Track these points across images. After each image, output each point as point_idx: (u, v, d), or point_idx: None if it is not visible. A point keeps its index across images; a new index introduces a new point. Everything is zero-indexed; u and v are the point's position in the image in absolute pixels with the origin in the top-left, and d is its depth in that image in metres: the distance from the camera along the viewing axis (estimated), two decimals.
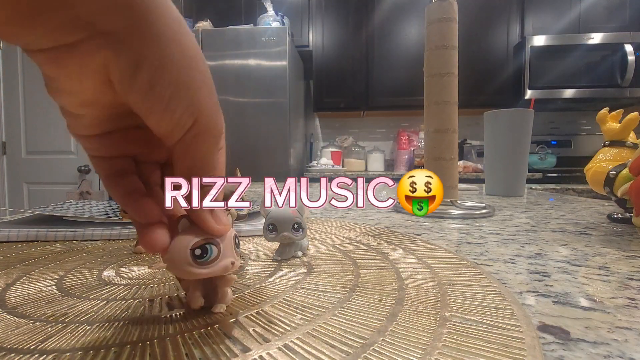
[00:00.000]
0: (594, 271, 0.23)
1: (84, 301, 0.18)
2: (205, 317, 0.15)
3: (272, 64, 1.71)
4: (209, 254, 0.14)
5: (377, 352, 0.12)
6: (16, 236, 0.30)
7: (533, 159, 1.97)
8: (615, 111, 0.43)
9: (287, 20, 1.93)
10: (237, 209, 0.23)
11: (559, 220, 0.43)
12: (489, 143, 0.73)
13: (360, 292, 0.18)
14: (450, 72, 0.48)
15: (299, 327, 0.14)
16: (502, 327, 0.14)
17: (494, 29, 2.04)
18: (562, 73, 1.91)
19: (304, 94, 2.27)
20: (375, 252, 0.26)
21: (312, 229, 0.35)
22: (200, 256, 0.14)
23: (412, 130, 2.30)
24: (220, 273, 0.15)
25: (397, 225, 0.39)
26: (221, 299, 0.16)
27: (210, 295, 0.16)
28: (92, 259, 0.25)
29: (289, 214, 0.23)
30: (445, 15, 0.48)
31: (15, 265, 0.24)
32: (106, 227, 0.32)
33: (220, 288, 0.16)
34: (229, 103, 1.75)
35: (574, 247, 0.29)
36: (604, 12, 1.95)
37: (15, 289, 0.19)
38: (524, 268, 0.23)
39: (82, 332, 0.14)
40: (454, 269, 0.22)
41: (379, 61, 2.12)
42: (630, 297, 0.18)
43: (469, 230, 0.36)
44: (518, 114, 0.69)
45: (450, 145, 0.48)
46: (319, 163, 2.06)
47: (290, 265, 0.23)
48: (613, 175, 0.37)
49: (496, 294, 0.18)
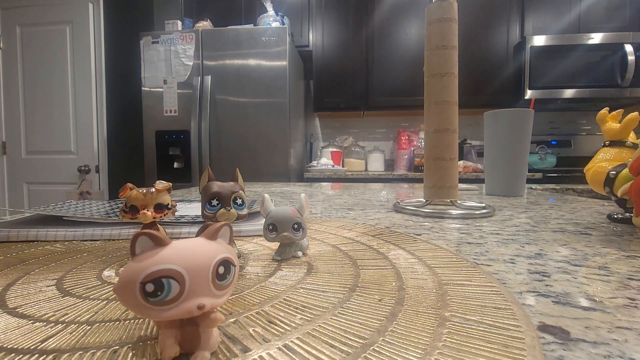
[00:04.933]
0: (594, 271, 0.23)
1: (84, 301, 0.18)
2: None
3: (272, 64, 1.71)
4: (164, 292, 0.10)
5: (377, 352, 0.12)
6: (16, 236, 0.30)
7: (533, 159, 1.97)
8: (615, 111, 0.43)
9: (287, 20, 1.93)
10: (237, 208, 0.23)
11: (559, 220, 0.43)
12: (489, 143, 0.73)
13: (360, 292, 0.18)
14: (450, 72, 0.48)
15: (299, 327, 0.14)
16: (502, 327, 0.14)
17: (494, 29, 2.04)
18: (562, 73, 1.91)
19: (304, 94, 2.27)
20: (375, 252, 0.26)
21: (312, 229, 0.35)
22: (153, 294, 0.10)
23: (412, 130, 2.30)
24: (183, 317, 0.11)
25: (397, 225, 0.39)
26: (204, 344, 0.12)
27: (190, 339, 0.12)
28: (92, 259, 0.25)
29: (289, 214, 0.23)
30: (445, 15, 0.48)
31: (15, 265, 0.24)
32: (106, 227, 0.32)
33: (203, 329, 0.12)
34: (229, 103, 1.75)
35: (574, 247, 0.29)
36: (604, 12, 1.95)
37: (15, 289, 0.19)
38: (524, 268, 0.23)
39: (82, 332, 0.14)
40: (454, 269, 0.22)
41: (379, 61, 2.12)
42: (630, 297, 0.18)
43: (469, 230, 0.36)
44: (518, 114, 0.69)
45: (450, 145, 0.48)
46: (319, 163, 2.06)
47: (290, 265, 0.23)
48: (613, 175, 0.37)
49: (496, 294, 0.18)
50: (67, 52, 2.13)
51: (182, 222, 0.33)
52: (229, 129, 1.76)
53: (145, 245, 0.11)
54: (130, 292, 0.11)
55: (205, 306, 0.11)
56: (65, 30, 2.12)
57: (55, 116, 2.15)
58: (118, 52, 2.16)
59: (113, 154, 2.20)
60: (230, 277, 0.12)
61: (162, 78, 1.78)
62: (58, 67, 2.14)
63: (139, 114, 1.83)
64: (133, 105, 2.01)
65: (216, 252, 0.12)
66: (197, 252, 0.11)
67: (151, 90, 1.80)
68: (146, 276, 0.10)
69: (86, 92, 2.13)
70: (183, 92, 1.77)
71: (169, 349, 0.12)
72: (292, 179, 1.82)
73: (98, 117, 2.16)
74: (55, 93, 2.15)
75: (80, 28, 2.11)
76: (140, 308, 0.11)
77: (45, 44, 2.14)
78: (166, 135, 1.80)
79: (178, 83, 1.77)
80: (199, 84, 1.72)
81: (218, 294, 0.12)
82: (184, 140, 1.77)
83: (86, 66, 2.12)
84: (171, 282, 0.11)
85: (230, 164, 1.75)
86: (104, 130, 2.17)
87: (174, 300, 0.11)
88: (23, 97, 2.19)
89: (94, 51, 2.12)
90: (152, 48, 1.78)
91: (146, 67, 1.79)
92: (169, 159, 1.80)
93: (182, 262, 0.11)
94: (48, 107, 2.16)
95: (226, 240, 0.13)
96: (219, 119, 1.76)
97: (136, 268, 0.11)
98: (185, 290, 0.11)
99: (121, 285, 0.11)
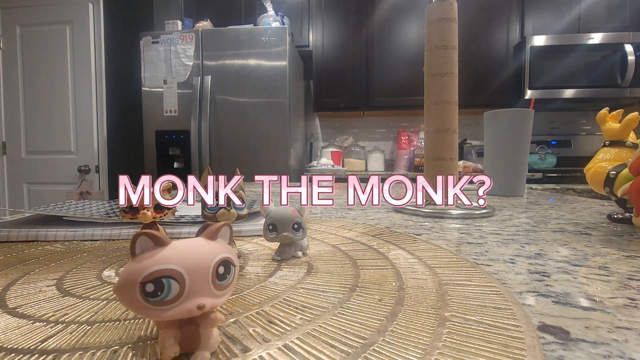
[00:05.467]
0: (594, 271, 0.23)
1: (84, 301, 0.18)
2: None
3: (272, 64, 1.71)
4: (164, 292, 0.11)
5: (377, 352, 0.12)
6: (16, 236, 0.30)
7: (533, 159, 1.97)
8: (615, 111, 0.43)
9: (287, 20, 1.93)
10: (236, 208, 0.23)
11: (559, 220, 0.43)
12: (489, 143, 0.73)
13: (360, 292, 0.18)
14: (450, 72, 0.48)
15: (299, 327, 0.14)
16: (502, 327, 0.14)
17: (494, 29, 2.04)
18: (562, 73, 1.91)
19: (304, 94, 2.27)
20: (375, 252, 0.26)
21: (312, 229, 0.34)
22: (153, 294, 0.10)
23: (412, 130, 2.30)
24: (182, 316, 0.11)
25: (397, 225, 0.39)
26: (204, 344, 0.12)
27: (190, 339, 0.12)
28: (92, 259, 0.25)
29: (289, 214, 0.23)
30: (445, 15, 0.48)
31: (15, 265, 0.24)
32: (106, 227, 0.32)
33: (203, 329, 0.12)
34: (229, 103, 1.75)
35: (574, 247, 0.29)
36: (604, 12, 1.95)
37: (15, 289, 0.19)
38: (524, 268, 0.23)
39: (82, 332, 0.14)
40: (454, 269, 0.22)
41: (379, 61, 2.12)
42: (630, 297, 0.18)
43: (469, 230, 0.36)
44: (518, 114, 0.69)
45: (450, 145, 0.48)
46: (319, 163, 2.06)
47: (290, 265, 0.23)
48: (613, 175, 0.37)
49: (496, 294, 0.18)
50: (67, 52, 2.13)
51: (182, 222, 0.33)
52: (229, 129, 1.76)
53: (145, 245, 0.11)
54: (130, 292, 0.11)
55: (205, 306, 0.11)
56: (65, 30, 2.12)
57: (55, 116, 2.15)
58: (118, 52, 2.16)
59: (113, 154, 2.19)
60: (230, 277, 0.12)
61: (162, 78, 1.78)
62: (58, 67, 2.14)
63: (139, 114, 1.83)
64: (133, 105, 2.00)
65: (216, 252, 0.12)
66: (197, 252, 0.11)
67: (151, 90, 1.80)
68: (146, 276, 0.10)
69: (86, 92, 2.13)
70: (183, 92, 1.77)
71: (169, 349, 0.11)
72: (292, 179, 1.82)
73: (98, 117, 2.16)
74: (55, 93, 2.15)
75: (80, 28, 2.11)
76: (140, 308, 0.11)
77: (45, 44, 2.14)
78: (166, 135, 1.79)
79: (178, 83, 1.77)
80: (199, 84, 1.72)
81: (218, 294, 0.12)
82: (184, 140, 1.77)
83: (86, 66, 2.12)
84: (171, 282, 0.11)
85: (230, 164, 1.75)
86: (104, 130, 2.17)
87: (174, 300, 0.11)
88: (23, 97, 2.19)
89: (94, 51, 2.12)
90: (152, 48, 1.78)
91: (146, 67, 1.79)
92: (169, 159, 1.80)
93: (182, 262, 0.11)
94: (48, 107, 2.16)
95: (226, 240, 0.13)
96: (219, 119, 1.76)
97: (136, 268, 0.11)
98: (185, 290, 0.11)
99: (121, 285, 0.11)
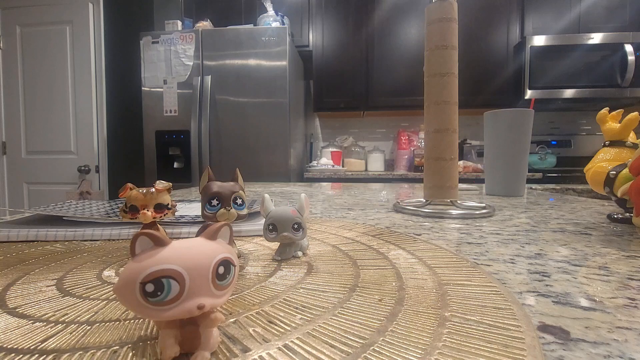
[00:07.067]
0: (594, 271, 0.23)
1: (84, 301, 0.18)
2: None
3: (272, 64, 1.71)
4: (164, 292, 0.11)
5: (377, 352, 0.12)
6: (16, 236, 0.30)
7: (533, 159, 1.97)
8: (615, 111, 0.43)
9: (287, 20, 1.93)
10: (237, 208, 0.23)
11: (559, 220, 0.43)
12: (489, 143, 0.73)
13: (360, 292, 0.18)
14: (450, 72, 0.48)
15: (299, 327, 0.14)
16: (502, 327, 0.14)
17: (494, 29, 2.04)
18: (562, 73, 1.91)
19: (304, 94, 2.27)
20: (375, 252, 0.26)
21: (312, 229, 0.35)
22: (153, 294, 0.10)
23: (412, 130, 2.30)
24: (182, 317, 0.11)
25: (397, 225, 0.39)
26: (204, 344, 0.12)
27: (190, 339, 0.12)
28: (92, 259, 0.25)
29: (289, 214, 0.23)
30: (445, 15, 0.48)
31: (15, 265, 0.24)
32: (106, 227, 0.32)
33: (203, 329, 0.12)
34: (229, 103, 1.75)
35: (574, 247, 0.29)
36: (604, 12, 1.95)
37: (15, 289, 0.19)
38: (524, 268, 0.23)
39: (82, 332, 0.14)
40: (454, 269, 0.22)
41: (379, 61, 2.12)
42: (630, 297, 0.18)
43: (469, 230, 0.36)
44: (518, 114, 0.69)
45: (450, 145, 0.48)
46: (319, 163, 2.06)
47: (290, 265, 0.23)
48: (613, 175, 0.37)
49: (496, 294, 0.18)
50: (67, 52, 2.13)
51: (182, 222, 0.33)
52: (229, 129, 1.76)
53: (145, 245, 0.11)
54: (130, 292, 0.11)
55: (205, 306, 0.11)
56: (65, 30, 2.12)
57: (55, 116, 2.15)
58: (118, 52, 2.16)
59: (113, 154, 2.20)
60: (230, 277, 0.12)
61: (162, 78, 1.78)
62: (58, 67, 2.14)
63: (139, 114, 1.83)
64: (133, 105, 2.01)
65: (216, 252, 0.12)
66: (197, 252, 0.11)
67: (151, 90, 1.80)
68: (146, 276, 0.10)
69: (86, 92, 2.13)
70: (183, 92, 1.77)
71: (169, 349, 0.11)
72: (292, 179, 1.82)
73: (98, 117, 2.16)
74: (55, 93, 2.15)
75: (80, 28, 2.11)
76: (140, 308, 0.11)
77: (45, 44, 2.14)
78: (166, 135, 1.80)
79: (178, 83, 1.77)
80: (199, 84, 1.72)
81: (218, 294, 0.12)
82: (184, 140, 1.77)
83: (86, 66, 2.12)
84: (171, 282, 0.11)
85: (230, 164, 1.75)
86: (104, 130, 2.17)
87: (174, 300, 0.11)
88: (23, 97, 2.19)
89: (94, 51, 2.12)
90: (152, 48, 1.78)
91: (146, 67, 1.79)
92: (169, 159, 1.80)
93: (182, 262, 0.11)
94: (48, 107, 2.16)
95: (226, 240, 0.13)
96: (219, 119, 1.76)
97: (136, 268, 0.11)
98: (185, 290, 0.11)
99: (121, 285, 0.11)
